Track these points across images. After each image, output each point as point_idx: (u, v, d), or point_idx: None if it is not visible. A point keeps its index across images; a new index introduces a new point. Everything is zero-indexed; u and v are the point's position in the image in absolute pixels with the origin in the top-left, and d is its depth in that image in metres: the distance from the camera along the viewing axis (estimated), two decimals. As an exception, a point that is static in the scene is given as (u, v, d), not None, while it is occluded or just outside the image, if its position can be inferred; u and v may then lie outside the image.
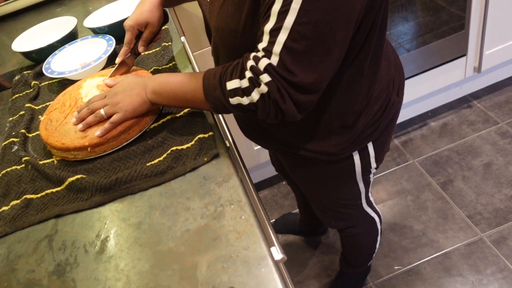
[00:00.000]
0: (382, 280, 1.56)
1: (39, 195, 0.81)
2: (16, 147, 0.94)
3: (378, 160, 0.96)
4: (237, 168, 0.76)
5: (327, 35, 0.62)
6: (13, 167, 0.88)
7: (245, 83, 0.67)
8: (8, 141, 0.96)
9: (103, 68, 1.12)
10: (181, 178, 0.75)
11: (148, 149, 0.82)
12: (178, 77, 0.78)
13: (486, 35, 1.83)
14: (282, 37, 0.62)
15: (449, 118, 2.05)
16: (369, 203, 1.16)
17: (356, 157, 0.93)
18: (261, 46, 0.65)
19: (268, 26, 0.63)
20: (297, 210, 1.83)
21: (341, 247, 1.50)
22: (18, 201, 0.81)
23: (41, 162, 0.87)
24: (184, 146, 0.80)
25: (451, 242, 1.60)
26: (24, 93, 1.14)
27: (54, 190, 0.81)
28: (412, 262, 1.58)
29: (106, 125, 0.82)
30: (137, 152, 0.82)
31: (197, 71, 1.07)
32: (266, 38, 0.64)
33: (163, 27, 1.01)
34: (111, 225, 0.72)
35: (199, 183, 0.73)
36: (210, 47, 0.95)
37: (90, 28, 1.22)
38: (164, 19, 0.99)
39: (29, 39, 1.31)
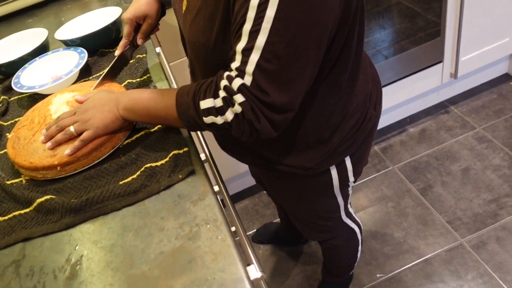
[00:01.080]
0: (364, 289, 1.55)
1: (6, 218, 0.77)
2: (-18, 166, 0.90)
3: (356, 174, 0.95)
4: (214, 184, 0.74)
5: (299, 54, 0.61)
6: (-21, 188, 0.84)
7: (219, 102, 0.66)
8: (-26, 159, 0.92)
9: (75, 82, 1.09)
10: (155, 196, 0.73)
11: (121, 166, 0.80)
12: (151, 94, 0.76)
13: (461, 42, 1.86)
14: (254, 56, 0.61)
15: (427, 124, 2.07)
16: (349, 215, 1.15)
17: (334, 172, 0.92)
18: (234, 65, 0.64)
19: (240, 46, 0.62)
20: (278, 220, 1.81)
21: (322, 257, 1.48)
22: (-16, 224, 0.77)
23: (8, 182, 0.83)
24: (159, 163, 0.78)
25: (431, 248, 1.60)
26: (-8, 108, 1.10)
27: (22, 211, 0.77)
28: (394, 270, 1.57)
29: (76, 143, 0.79)
30: (110, 170, 0.80)
31: (173, 83, 1.05)
32: (238, 57, 0.63)
33: (160, 20, 1.01)
34: (82, 248, 0.69)
35: (173, 202, 0.71)
36: (185, 58, 0.93)
37: (61, 40, 1.19)
38: (162, 11, 0.99)
39: (-3, 52, 1.27)
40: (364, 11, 0.75)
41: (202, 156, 0.82)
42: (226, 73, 0.65)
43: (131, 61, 1.10)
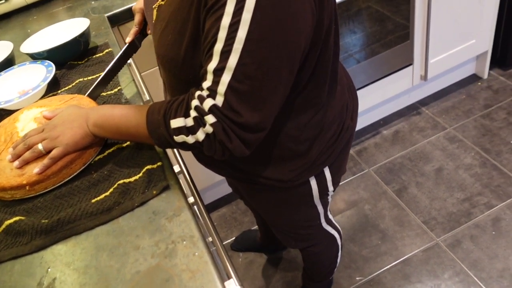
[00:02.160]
0: (345, 292, 1.56)
1: (-27, 241, 0.74)
2: None
3: (335, 183, 0.95)
4: (190, 195, 0.73)
5: (271, 74, 0.60)
6: None
7: (190, 122, 0.64)
8: None
9: (43, 97, 1.05)
10: (130, 214, 0.71)
11: (93, 183, 0.78)
12: (122, 110, 0.74)
13: (430, 44, 1.90)
14: (226, 77, 0.60)
15: (400, 126, 2.11)
16: (329, 221, 1.16)
17: (313, 182, 0.91)
18: (205, 85, 0.62)
19: (212, 66, 0.61)
20: (257, 227, 1.80)
21: (303, 263, 1.48)
22: (-51, 249, 0.74)
23: (-25, 204, 0.80)
24: (132, 179, 0.76)
25: (409, 248, 1.62)
26: (-45, 126, 1.06)
27: (-10, 234, 0.74)
28: (373, 272, 1.59)
29: (45, 161, 0.76)
30: (81, 187, 0.77)
31: (145, 94, 1.03)
32: (210, 77, 0.62)
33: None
34: (54, 271, 0.66)
35: (148, 219, 0.69)
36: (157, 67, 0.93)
37: (28, 54, 1.16)
38: None
39: (-40, 67, 1.22)
40: (338, 26, 0.75)
41: (176, 168, 0.81)
42: (198, 93, 0.64)
43: (100, 74, 1.08)
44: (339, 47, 0.78)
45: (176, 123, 0.65)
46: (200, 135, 0.64)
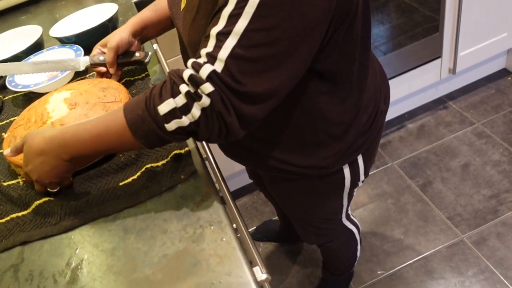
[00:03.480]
0: (365, 286, 1.54)
1: (3, 220, 0.75)
2: (-22, 167, 0.87)
3: (366, 173, 0.93)
4: (216, 184, 0.73)
5: (281, 44, 0.55)
6: (-25, 190, 0.82)
7: (180, 100, 0.57)
8: (-31, 160, 0.90)
9: (71, 81, 1.06)
10: (157, 198, 0.71)
11: (120, 167, 0.78)
12: (93, 124, 0.65)
13: (460, 37, 1.85)
14: (230, 42, 0.55)
15: (426, 120, 2.06)
16: (348, 217, 1.14)
17: (346, 171, 0.89)
18: (204, 51, 0.57)
19: (216, 29, 0.56)
20: (277, 218, 1.80)
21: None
22: (-20, 228, 0.75)
23: (5, 184, 0.81)
24: (159, 163, 0.76)
25: (432, 244, 1.59)
26: (-14, 108, 1.07)
27: (19, 214, 0.75)
28: (395, 266, 1.57)
29: (36, 186, 0.74)
30: (109, 170, 0.78)
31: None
32: (211, 42, 0.57)
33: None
34: (83, 251, 0.67)
35: (176, 203, 0.69)
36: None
37: (56, 38, 1.16)
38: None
39: (-9, 50, 1.24)
40: (369, 3, 0.72)
41: (203, 154, 0.80)
42: (191, 61, 0.57)
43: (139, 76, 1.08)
44: (371, 24, 0.74)
45: (164, 107, 0.58)
46: (196, 111, 0.57)
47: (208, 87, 0.56)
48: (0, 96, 1.08)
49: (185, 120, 0.58)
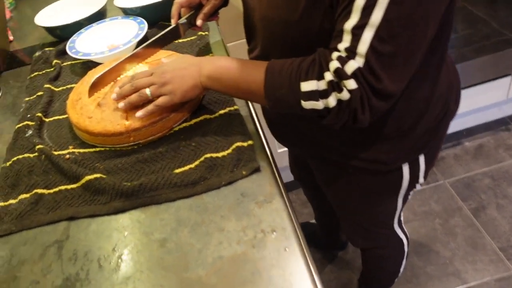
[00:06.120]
0: (401, 307, 1.46)
1: (51, 191, 0.72)
2: (30, 132, 0.85)
3: (425, 176, 0.87)
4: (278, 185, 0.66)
5: (418, 32, 0.54)
6: (25, 155, 0.79)
7: (322, 85, 0.58)
8: (22, 124, 0.87)
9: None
10: (216, 191, 0.65)
11: (177, 152, 0.73)
12: (239, 64, 0.69)
13: (537, 56, 1.71)
14: (367, 35, 0.53)
15: (485, 140, 1.93)
16: (400, 224, 1.07)
17: (406, 170, 0.83)
18: (342, 46, 0.56)
19: (350, 23, 0.54)
20: (314, 221, 1.72)
21: (362, 266, 1.39)
22: (28, 195, 0.72)
23: (55, 153, 0.78)
24: (220, 154, 0.70)
25: (480, 274, 1.48)
26: (43, 71, 1.05)
27: (68, 187, 0.72)
28: (436, 291, 1.47)
29: (150, 106, 0.73)
30: (165, 155, 0.73)
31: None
32: (347, 37, 0.55)
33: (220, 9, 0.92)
34: (131, 238, 0.62)
35: (236, 200, 0.63)
36: (244, 40, 0.85)
37: (120, 8, 1.13)
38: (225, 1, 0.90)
39: (53, 14, 1.22)
40: None
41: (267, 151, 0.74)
42: (336, 54, 0.57)
43: (192, 37, 1.03)
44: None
45: (307, 86, 0.59)
46: (332, 100, 0.58)
47: (351, 84, 0.56)
48: (58, 61, 1.05)
49: (319, 104, 0.59)
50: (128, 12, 1.11)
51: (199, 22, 0.88)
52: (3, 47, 1.14)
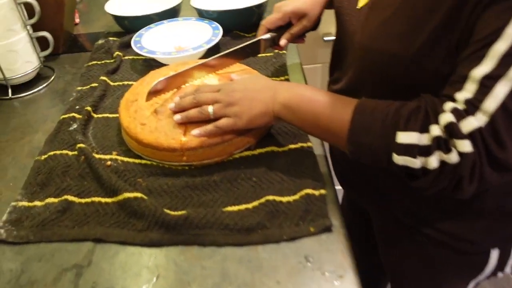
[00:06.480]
0: None
1: (83, 201, 0.62)
2: (75, 126, 0.76)
3: None
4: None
5: None
6: (64, 151, 0.70)
7: (425, 140, 0.47)
8: (68, 115, 0.79)
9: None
10: (274, 246, 0.53)
11: (234, 185, 0.61)
12: (323, 97, 0.58)
13: None
14: (501, 90, 0.43)
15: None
16: None
17: (494, 255, 0.69)
18: (461, 96, 0.46)
19: (480, 71, 0.45)
20: None
21: None
22: (56, 200, 0.62)
23: (97, 156, 0.68)
24: (284, 199, 0.58)
25: None
26: (103, 61, 0.97)
27: (103, 200, 0.62)
28: None
29: (209, 126, 0.63)
30: (220, 185, 0.61)
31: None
32: (472, 86, 0.46)
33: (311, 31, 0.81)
34: (163, 283, 0.51)
35: (298, 264, 0.51)
36: (321, 65, 0.74)
37: (196, 9, 1.04)
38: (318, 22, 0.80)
39: (125, 3, 1.15)
40: None
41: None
42: (450, 105, 0.47)
43: (268, 54, 0.92)
44: None
45: (406, 137, 0.48)
46: (433, 161, 0.47)
47: (466, 146, 0.45)
48: (120, 53, 0.98)
49: (416, 162, 0.48)
50: (203, 15, 1.03)
51: (283, 42, 0.78)
52: (67, 28, 1.07)
